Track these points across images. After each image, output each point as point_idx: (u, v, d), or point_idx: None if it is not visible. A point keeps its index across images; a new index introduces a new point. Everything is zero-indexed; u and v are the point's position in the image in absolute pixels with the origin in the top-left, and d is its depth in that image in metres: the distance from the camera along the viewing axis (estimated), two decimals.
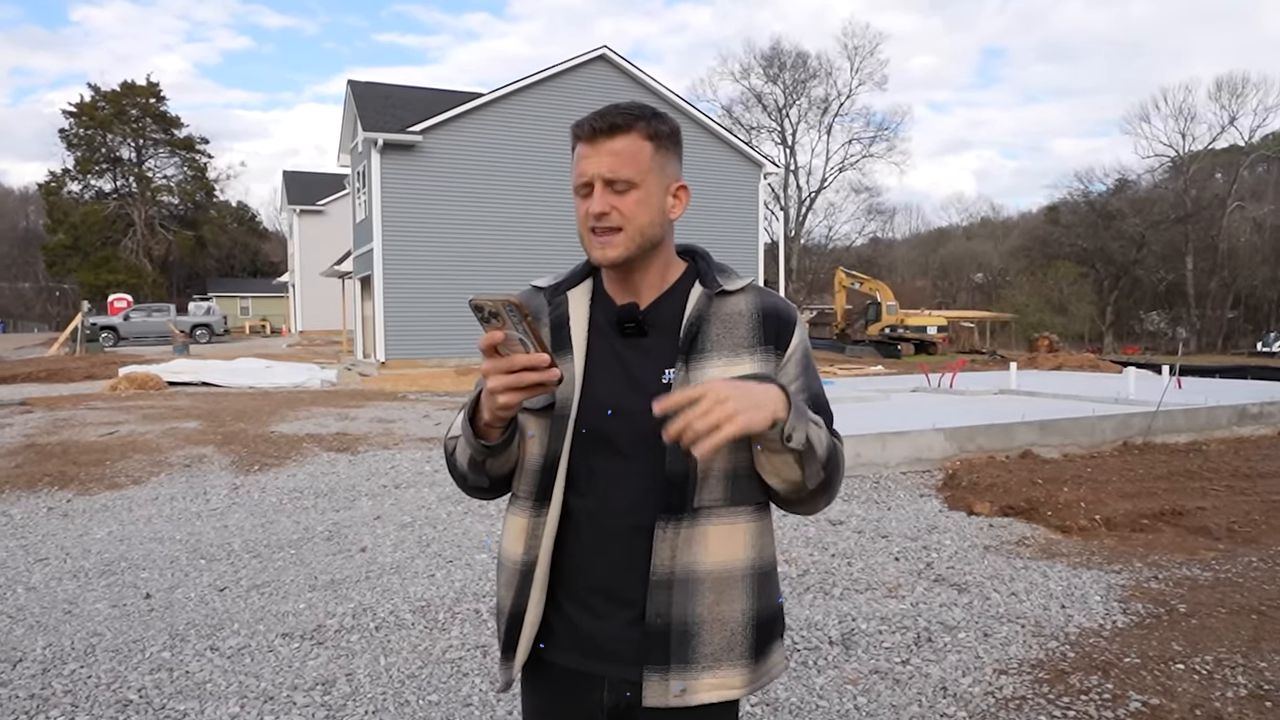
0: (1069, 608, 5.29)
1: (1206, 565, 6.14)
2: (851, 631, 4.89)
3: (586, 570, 1.70)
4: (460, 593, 5.52)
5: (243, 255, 75.74)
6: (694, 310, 1.69)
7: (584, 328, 1.73)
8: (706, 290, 1.71)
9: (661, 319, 1.71)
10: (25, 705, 3.99)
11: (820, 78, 60.32)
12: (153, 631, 4.88)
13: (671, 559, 1.63)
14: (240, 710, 3.95)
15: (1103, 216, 57.47)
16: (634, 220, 1.64)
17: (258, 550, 6.53)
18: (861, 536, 6.86)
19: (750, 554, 1.69)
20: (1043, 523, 7.30)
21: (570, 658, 1.73)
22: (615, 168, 1.63)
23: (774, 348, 1.70)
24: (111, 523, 7.34)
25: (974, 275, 66.48)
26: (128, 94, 63.39)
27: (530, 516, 1.73)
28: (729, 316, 1.70)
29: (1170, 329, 55.48)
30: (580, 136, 1.66)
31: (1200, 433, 11.21)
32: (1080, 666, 4.42)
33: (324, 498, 8.18)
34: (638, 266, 1.70)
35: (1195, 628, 4.94)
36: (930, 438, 9.54)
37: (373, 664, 4.46)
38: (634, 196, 1.64)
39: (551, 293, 1.79)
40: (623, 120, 1.64)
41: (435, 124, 23.46)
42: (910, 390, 15.73)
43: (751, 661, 1.70)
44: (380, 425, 12.25)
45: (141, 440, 10.64)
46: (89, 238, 61.68)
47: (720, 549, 1.65)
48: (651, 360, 1.69)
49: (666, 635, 1.65)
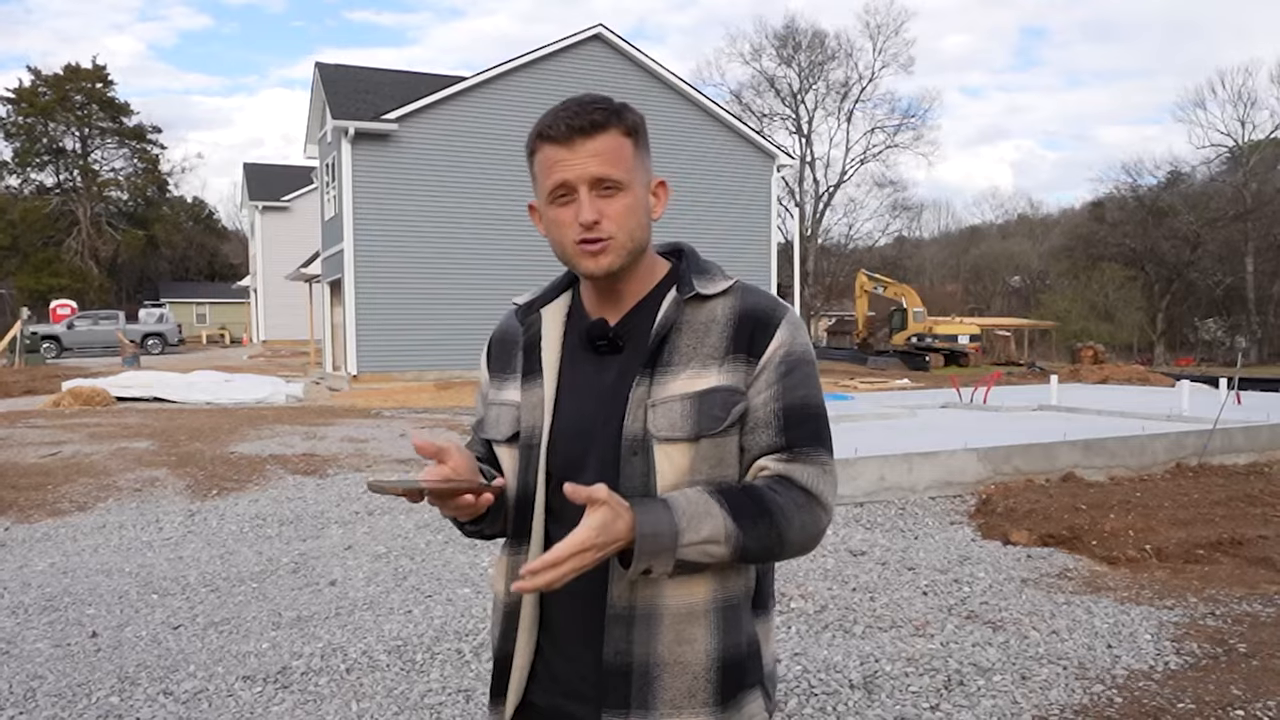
0: (1116, 648, 5.28)
1: (1269, 600, 6.13)
2: (875, 674, 4.88)
3: (562, 606, 1.71)
4: (440, 631, 5.51)
5: (199, 257, 75.85)
6: (663, 319, 1.68)
7: (556, 349, 1.75)
8: (678, 296, 1.69)
9: (635, 332, 1.71)
10: None
11: (840, 59, 60.37)
12: (100, 674, 4.87)
13: (630, 592, 1.63)
14: None
15: (1153, 213, 57.42)
16: (625, 225, 1.64)
17: (215, 584, 6.53)
18: (886, 568, 6.85)
19: (713, 585, 1.66)
20: (1087, 553, 7.30)
21: (549, 698, 1.75)
22: (603, 167, 1.62)
23: (746, 355, 1.66)
24: (54, 553, 7.33)
25: (1010, 279, 66.46)
26: (71, 78, 63.57)
27: (510, 553, 1.76)
28: (702, 324, 1.68)
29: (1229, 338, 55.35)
30: (552, 138, 1.63)
31: (1262, 453, 11.19)
32: (1129, 713, 4.41)
33: (289, 525, 8.17)
34: (624, 275, 1.70)
35: (1257, 670, 4.93)
36: (962, 459, 9.54)
37: (343, 709, 4.45)
38: (622, 199, 1.64)
39: (524, 312, 1.81)
40: (602, 116, 1.62)
41: (412, 111, 23.52)
42: (940, 406, 15.74)
43: (718, 709, 1.67)
44: (352, 445, 12.25)
45: (87, 462, 10.64)
46: (29, 237, 61.78)
47: (681, 581, 1.63)
48: (624, 378, 1.68)
49: (628, 676, 1.64)
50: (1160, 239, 56.08)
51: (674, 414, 1.62)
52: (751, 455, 1.67)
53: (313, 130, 28.48)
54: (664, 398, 1.63)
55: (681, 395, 1.63)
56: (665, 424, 1.62)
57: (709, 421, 1.62)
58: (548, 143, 1.64)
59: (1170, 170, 61.18)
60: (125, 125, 66.08)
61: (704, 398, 1.63)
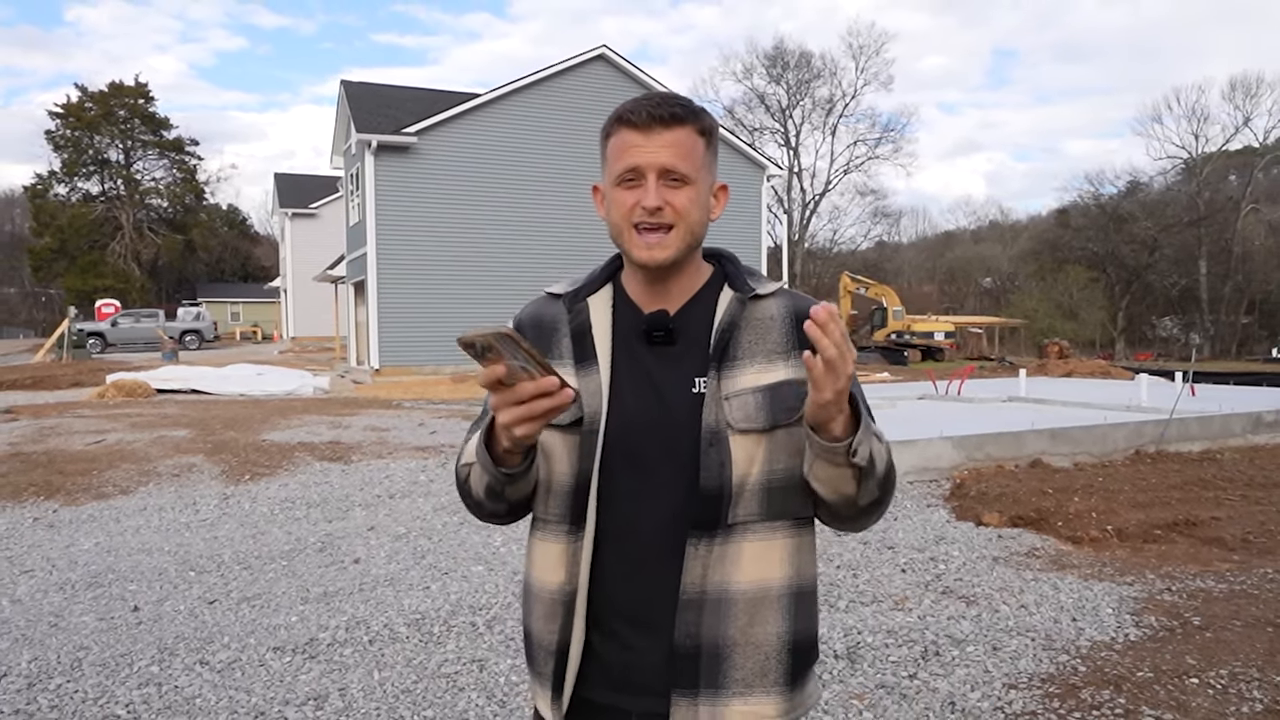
0: (1080, 621, 5.28)
1: (1221, 577, 6.13)
2: (857, 645, 4.89)
3: (615, 597, 1.62)
4: (456, 605, 5.52)
5: (233, 259, 75.82)
6: (725, 316, 1.63)
7: (607, 337, 1.67)
8: (739, 295, 1.65)
9: (690, 326, 1.65)
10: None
11: (824, 78, 60.39)
12: (141, 645, 4.88)
13: (703, 578, 1.57)
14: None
15: (1114, 219, 57.34)
16: (687, 218, 1.58)
17: (248, 562, 6.53)
18: (867, 548, 6.85)
19: (788, 571, 1.62)
20: (1053, 533, 7.30)
21: (597, 692, 1.65)
22: (677, 156, 1.56)
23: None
24: (99, 534, 7.34)
25: (982, 280, 66.41)
26: (116, 95, 63.44)
27: (567, 541, 1.64)
28: (761, 322, 1.64)
29: (1183, 335, 55.44)
30: (632, 123, 1.57)
31: (1214, 441, 11.19)
32: (1092, 681, 4.41)
33: (316, 508, 8.18)
34: (675, 270, 1.64)
35: (1210, 641, 4.93)
36: (938, 446, 9.54)
37: (366, 678, 4.45)
38: (687, 193, 1.58)
39: (571, 300, 1.71)
40: (682, 111, 1.58)
41: (431, 125, 23.50)
42: (917, 398, 15.73)
43: (786, 689, 1.62)
44: (374, 434, 12.25)
45: (129, 449, 10.64)
46: (75, 241, 61.70)
47: (755, 567, 1.58)
48: (681, 370, 1.62)
49: (696, 658, 1.57)
50: (1120, 243, 56.04)
51: (749, 406, 1.57)
52: None
53: (338, 142, 28.43)
54: (736, 390, 1.58)
55: (753, 389, 1.58)
56: (741, 415, 1.57)
57: (784, 413, 1.57)
58: (626, 127, 1.59)
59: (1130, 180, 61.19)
60: (165, 138, 65.93)
61: (776, 390, 1.58)
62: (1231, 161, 58.28)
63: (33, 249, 64.85)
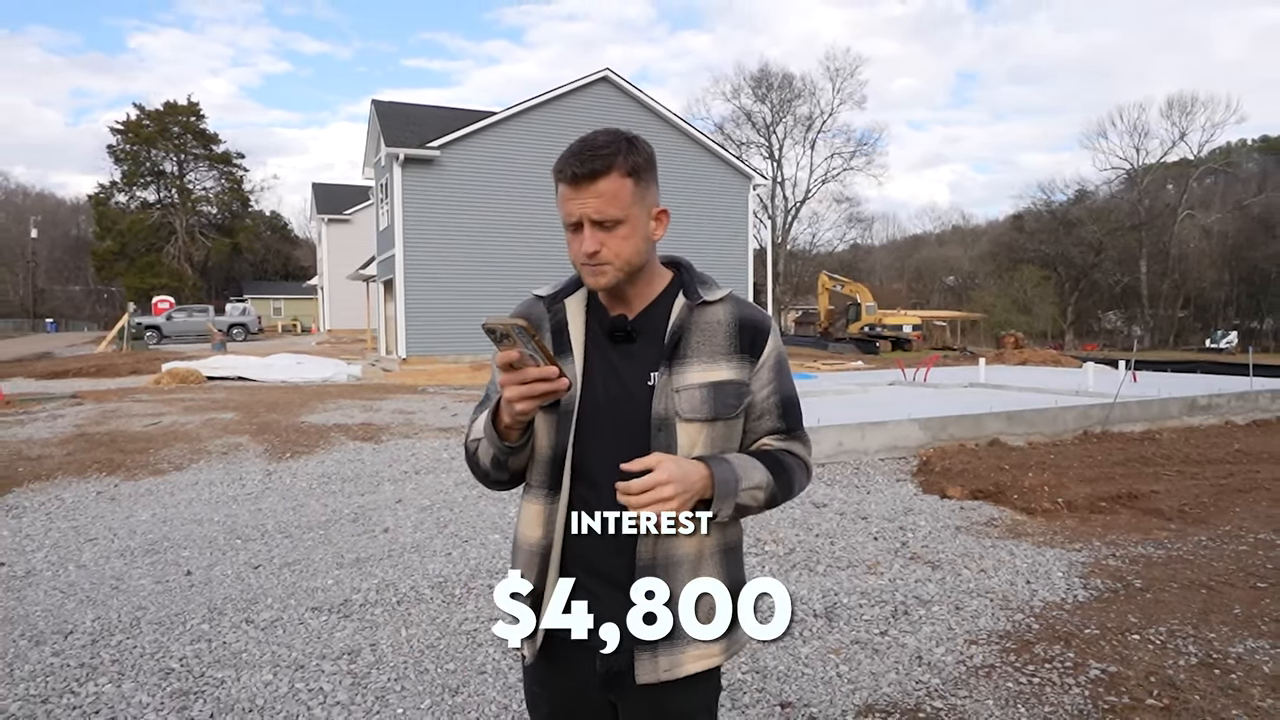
0: (1033, 583, 5.28)
1: (1160, 544, 6.13)
2: (834, 605, 4.88)
3: (583, 554, 1.70)
4: (475, 570, 5.51)
5: (275, 260, 75.61)
6: (676, 320, 1.71)
7: (581, 334, 1.74)
8: (688, 301, 1.72)
9: (648, 327, 1.73)
10: (76, 673, 3.98)
11: (804, 97, 59.86)
12: (192, 605, 4.88)
13: (654, 546, 1.66)
14: (273, 678, 3.94)
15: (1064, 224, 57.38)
16: (621, 254, 1.65)
17: (289, 531, 6.53)
18: (843, 518, 6.84)
19: (718, 535, 1.71)
20: (1009, 505, 7.29)
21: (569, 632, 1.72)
22: (601, 209, 1.62)
23: (749, 355, 1.73)
24: (155, 505, 7.33)
25: (946, 278, 66.35)
26: (171, 113, 63.34)
27: (545, 503, 1.73)
28: (709, 325, 1.72)
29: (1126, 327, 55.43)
30: (565, 178, 1.63)
31: (1154, 423, 11.18)
32: (1044, 637, 4.41)
33: (350, 483, 8.17)
34: (629, 282, 1.72)
35: (1149, 602, 4.93)
36: (906, 428, 9.53)
37: (394, 635, 4.45)
38: (620, 233, 1.64)
39: (550, 301, 1.80)
40: (601, 164, 1.61)
41: (452, 140, 23.44)
42: (887, 384, 15.72)
43: (727, 632, 1.71)
44: (401, 416, 12.24)
45: (182, 430, 10.63)
46: (134, 244, 61.69)
47: (694, 534, 1.66)
48: (639, 364, 1.70)
49: (653, 617, 1.65)
50: (1069, 246, 56.07)
51: (695, 399, 1.66)
52: (756, 435, 1.77)
53: (370, 155, 28.33)
54: (685, 385, 1.67)
55: (700, 384, 1.68)
56: (688, 407, 1.67)
57: (724, 408, 1.68)
58: (562, 181, 1.65)
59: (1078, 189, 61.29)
60: (214, 151, 65.67)
61: (719, 388, 1.68)
62: (1169, 172, 58.27)
63: (96, 251, 64.85)
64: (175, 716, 3.60)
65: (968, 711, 3.65)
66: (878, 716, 3.62)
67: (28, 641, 4.36)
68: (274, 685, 3.87)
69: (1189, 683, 3.88)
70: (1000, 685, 3.88)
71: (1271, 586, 5.18)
